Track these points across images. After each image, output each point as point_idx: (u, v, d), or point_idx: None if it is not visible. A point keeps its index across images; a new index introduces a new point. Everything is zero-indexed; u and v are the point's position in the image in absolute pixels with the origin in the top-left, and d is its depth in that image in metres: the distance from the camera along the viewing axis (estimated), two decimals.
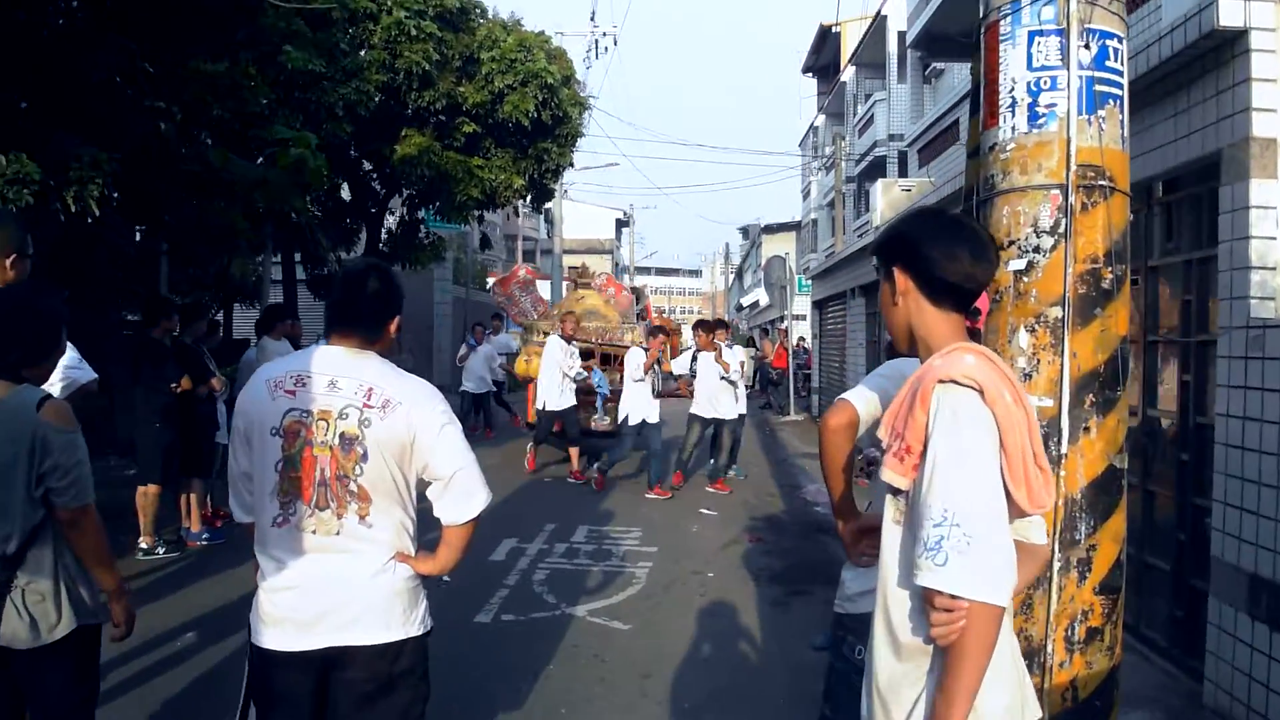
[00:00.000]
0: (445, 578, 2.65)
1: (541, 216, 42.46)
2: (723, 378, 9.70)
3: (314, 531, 2.36)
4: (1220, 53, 4.12)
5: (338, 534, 2.36)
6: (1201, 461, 4.44)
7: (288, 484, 2.37)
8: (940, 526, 1.54)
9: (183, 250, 8.84)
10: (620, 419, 9.95)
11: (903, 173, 21.68)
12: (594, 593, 6.04)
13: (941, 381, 1.64)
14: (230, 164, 8.10)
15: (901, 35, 22.25)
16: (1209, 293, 4.41)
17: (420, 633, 2.45)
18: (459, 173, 13.37)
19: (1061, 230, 2.70)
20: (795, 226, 42.48)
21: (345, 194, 15.46)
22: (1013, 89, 2.77)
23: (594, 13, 27.68)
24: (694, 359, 10.08)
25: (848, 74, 29.23)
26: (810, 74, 37.16)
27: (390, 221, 16.16)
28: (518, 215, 36.13)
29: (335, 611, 2.33)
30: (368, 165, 14.76)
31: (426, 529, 2.47)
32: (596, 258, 46.37)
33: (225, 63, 8.12)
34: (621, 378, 10.42)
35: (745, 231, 61.80)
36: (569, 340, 10.47)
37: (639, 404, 9.72)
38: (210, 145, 8.06)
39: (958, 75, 19.56)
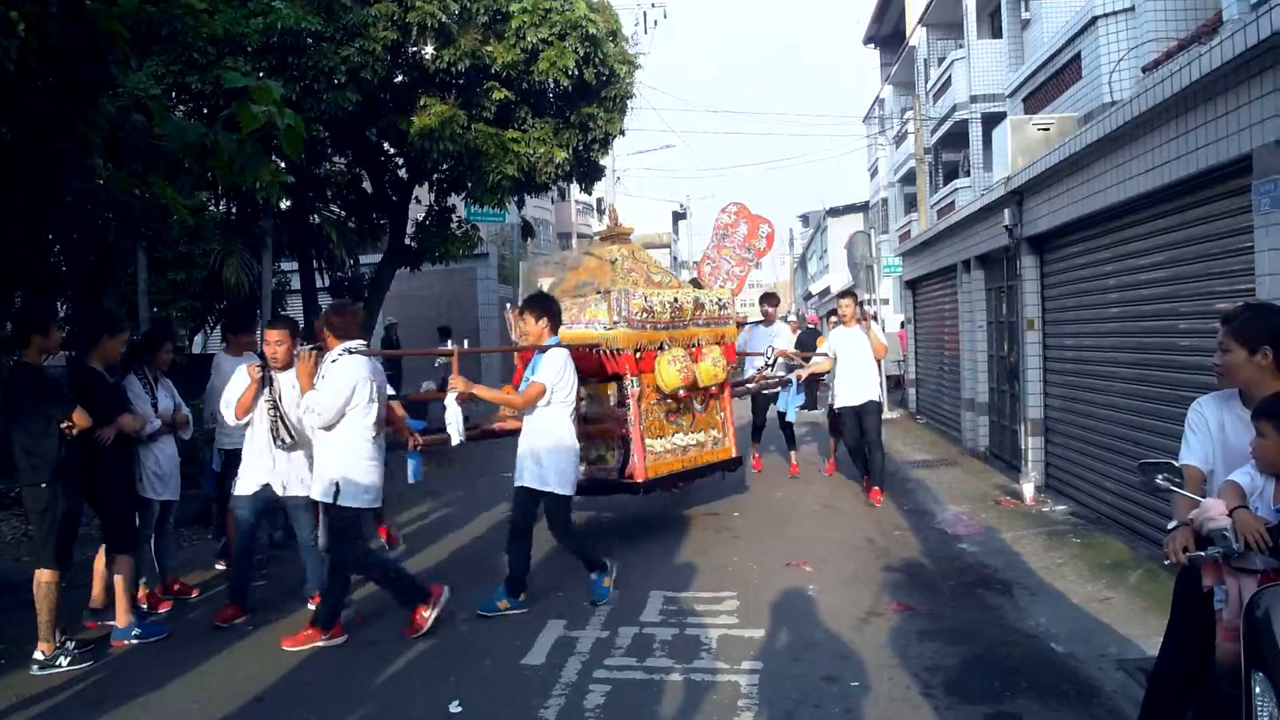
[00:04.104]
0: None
1: (595, 208, 40.46)
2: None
3: None
4: None
5: None
6: None
7: None
8: None
9: (87, 231, 6.76)
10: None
11: (986, 137, 19.06)
12: None
13: None
14: (167, 124, 6.14)
15: None
16: None
17: None
18: (490, 147, 11.22)
19: None
20: (863, 208, 39.88)
21: (367, 185, 13.54)
22: None
23: None
24: None
25: (917, 36, 26.81)
26: (872, 44, 34.73)
27: (418, 213, 14.15)
28: (564, 199, 33.56)
29: None
30: (389, 148, 12.77)
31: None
32: (654, 253, 44.30)
33: None
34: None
35: (806, 219, 59.25)
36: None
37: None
38: (127, 98, 6.09)
39: (1047, 26, 17.02)
